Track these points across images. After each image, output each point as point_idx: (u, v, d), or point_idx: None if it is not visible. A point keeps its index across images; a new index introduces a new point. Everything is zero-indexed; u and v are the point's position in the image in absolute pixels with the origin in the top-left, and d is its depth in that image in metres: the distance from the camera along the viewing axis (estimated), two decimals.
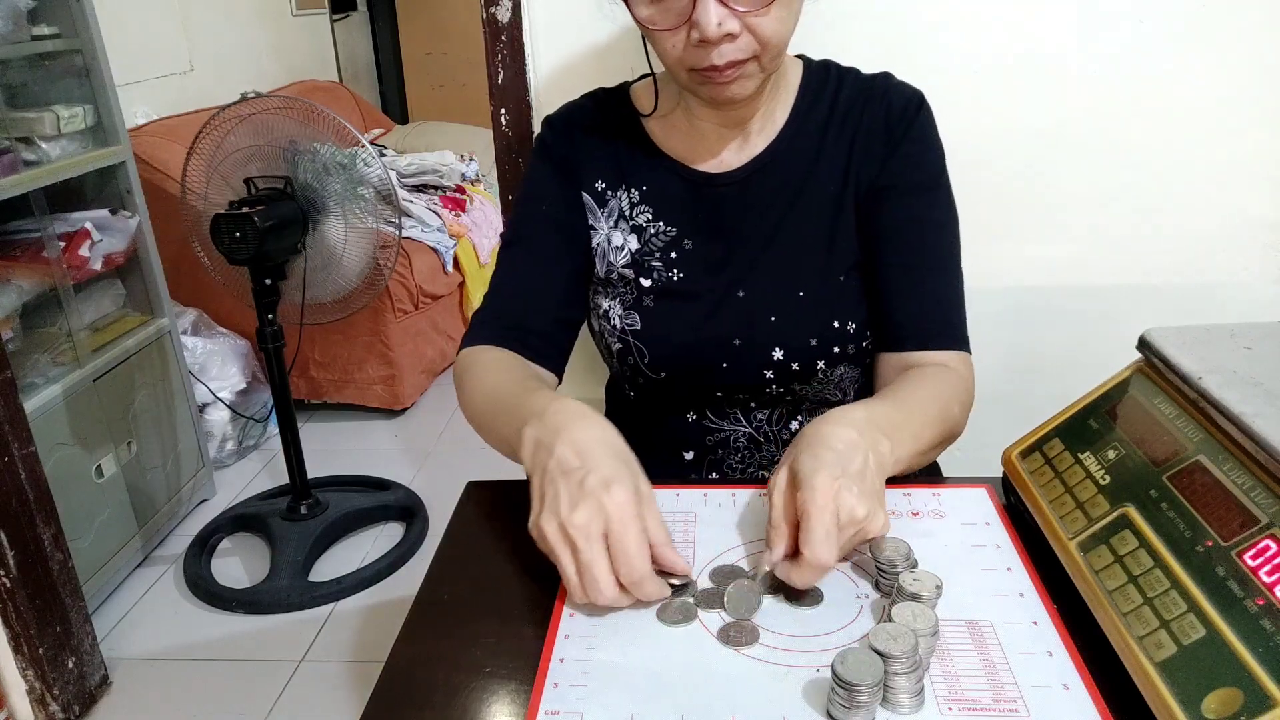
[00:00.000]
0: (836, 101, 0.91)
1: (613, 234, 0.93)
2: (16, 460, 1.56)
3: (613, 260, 0.93)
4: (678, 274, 0.91)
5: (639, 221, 0.92)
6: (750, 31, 0.76)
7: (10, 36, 1.81)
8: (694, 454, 0.97)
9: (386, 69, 4.90)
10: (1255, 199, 1.16)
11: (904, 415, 0.76)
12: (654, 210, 0.92)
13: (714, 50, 0.76)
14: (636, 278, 0.92)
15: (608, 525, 0.62)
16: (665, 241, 0.92)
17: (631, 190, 0.93)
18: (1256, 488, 0.55)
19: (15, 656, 1.62)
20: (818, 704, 0.56)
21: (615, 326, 0.93)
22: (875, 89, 0.90)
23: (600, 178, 0.93)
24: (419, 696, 0.60)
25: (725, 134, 0.91)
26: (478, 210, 3.30)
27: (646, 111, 0.94)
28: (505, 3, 1.13)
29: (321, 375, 2.80)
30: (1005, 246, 1.20)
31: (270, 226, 1.82)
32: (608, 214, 0.93)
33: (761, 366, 0.89)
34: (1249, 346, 0.67)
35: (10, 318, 1.86)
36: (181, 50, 3.12)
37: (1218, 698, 0.48)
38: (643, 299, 0.92)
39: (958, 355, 0.88)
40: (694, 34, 0.75)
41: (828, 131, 0.90)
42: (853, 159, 0.89)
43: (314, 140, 1.91)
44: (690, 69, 0.79)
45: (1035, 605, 0.64)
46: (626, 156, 0.93)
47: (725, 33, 0.74)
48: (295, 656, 1.87)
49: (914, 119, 0.89)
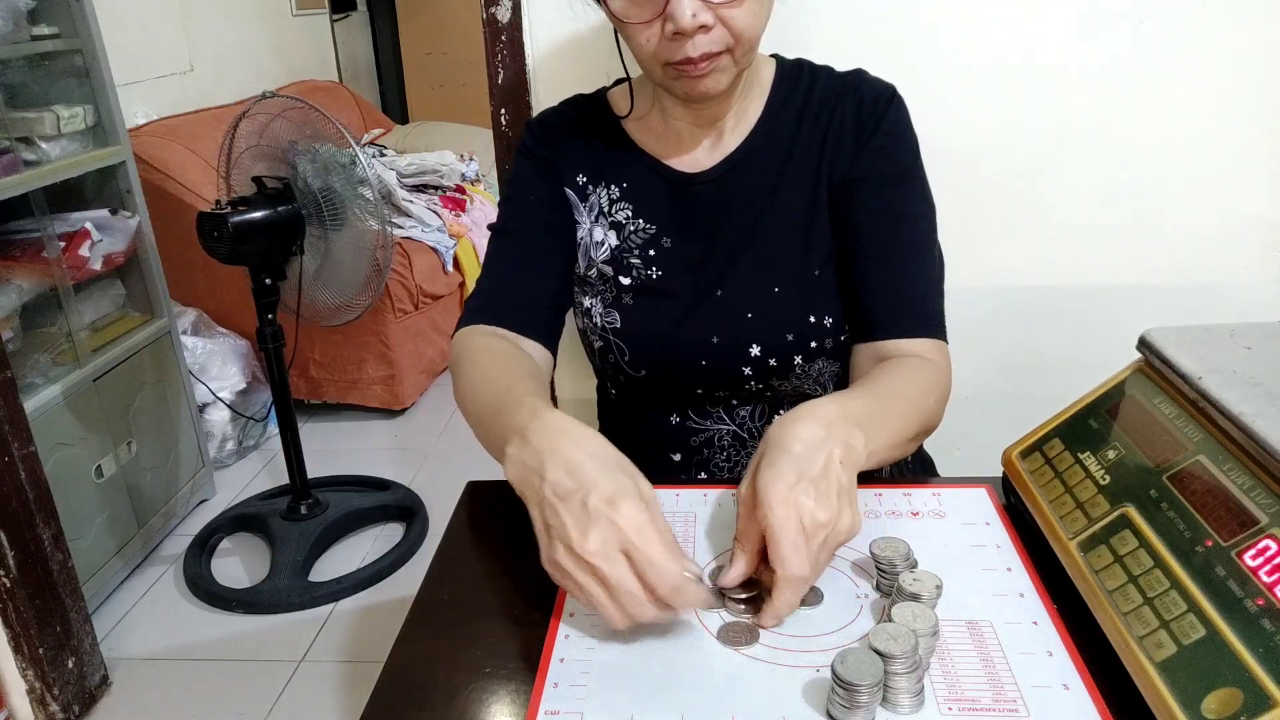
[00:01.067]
0: (809, 98, 0.91)
1: (594, 229, 0.94)
2: (16, 460, 1.56)
3: (594, 256, 0.94)
4: (656, 271, 0.92)
5: (618, 218, 0.93)
6: (723, 24, 0.77)
7: (10, 36, 1.81)
8: (681, 455, 0.97)
9: (386, 69, 4.90)
10: (1255, 199, 1.16)
11: (879, 406, 0.74)
12: (633, 207, 0.93)
13: (688, 42, 0.77)
14: (616, 275, 0.93)
15: (625, 543, 0.59)
16: (644, 239, 0.92)
17: (611, 187, 0.94)
18: (1256, 488, 0.55)
19: (15, 656, 1.62)
20: (818, 704, 0.56)
21: (596, 324, 0.94)
22: (848, 85, 0.91)
23: (581, 172, 0.94)
24: (419, 696, 0.60)
25: (699, 133, 0.92)
26: (478, 210, 3.30)
27: (623, 114, 0.95)
28: (505, 3, 1.13)
29: (321, 375, 2.80)
30: (1005, 246, 1.20)
31: (251, 226, 1.82)
32: (589, 209, 0.94)
33: (740, 363, 0.90)
34: (1249, 346, 0.67)
35: (10, 318, 1.86)
36: (181, 50, 3.12)
37: (1218, 698, 0.48)
38: (622, 296, 0.93)
39: (934, 344, 0.87)
40: (668, 26, 0.76)
41: (800, 128, 0.91)
42: (824, 154, 0.90)
43: (313, 140, 1.91)
44: (665, 63, 0.80)
45: (1035, 605, 0.64)
46: (606, 154, 0.95)
47: (699, 24, 0.75)
48: (295, 656, 1.87)
49: (885, 112, 0.89)
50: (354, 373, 2.79)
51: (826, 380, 0.95)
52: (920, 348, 0.86)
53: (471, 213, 3.25)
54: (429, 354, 2.96)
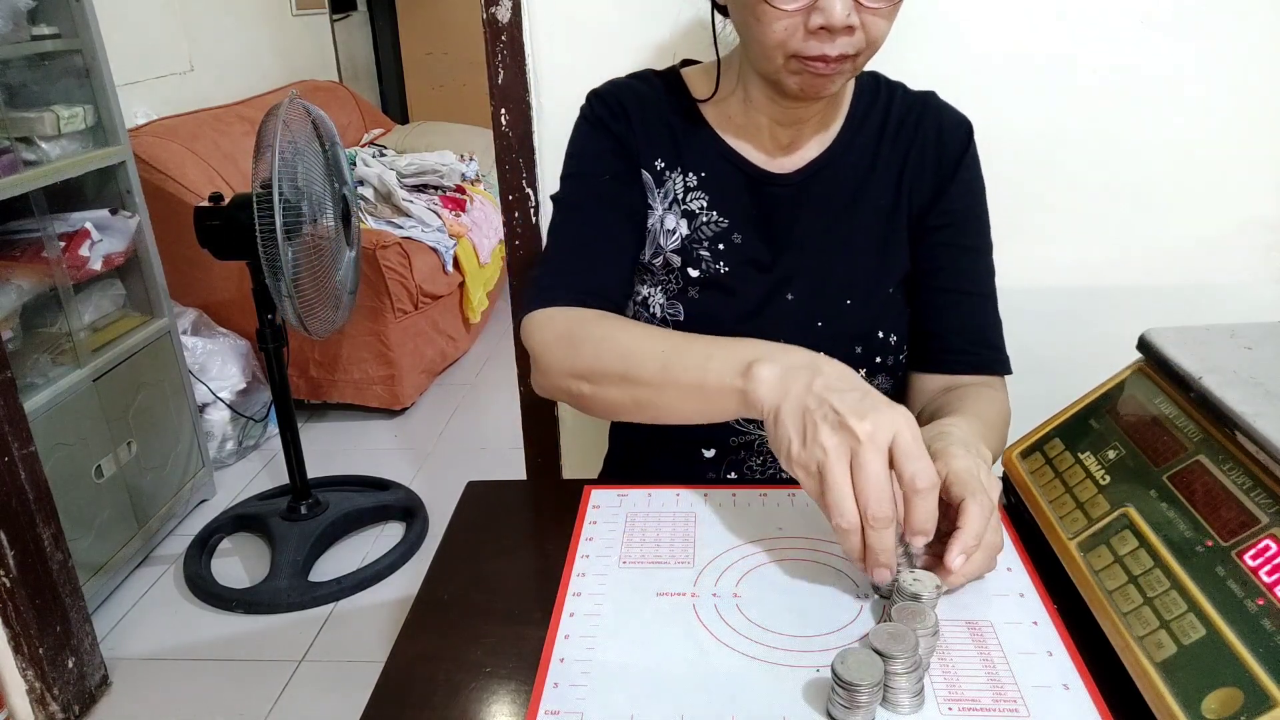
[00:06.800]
0: (889, 114, 0.91)
1: (666, 216, 0.91)
2: (16, 460, 1.56)
3: (662, 243, 0.91)
4: (723, 266, 0.90)
5: (691, 208, 0.91)
6: (863, 29, 0.75)
7: (10, 36, 1.81)
8: (715, 452, 0.95)
9: (386, 69, 4.90)
10: (1255, 199, 1.16)
11: (982, 427, 0.77)
12: (709, 198, 0.90)
13: (830, 40, 0.75)
14: (684, 266, 0.90)
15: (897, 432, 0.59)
16: (715, 232, 0.90)
17: (689, 175, 0.91)
18: (1256, 488, 0.55)
19: (15, 656, 1.62)
20: (818, 704, 0.56)
21: (655, 315, 0.91)
22: (927, 108, 0.91)
23: (660, 156, 0.90)
24: (419, 696, 0.60)
25: (779, 130, 0.89)
26: (478, 210, 3.30)
27: (703, 97, 0.91)
28: (505, 3, 1.13)
29: (321, 375, 2.80)
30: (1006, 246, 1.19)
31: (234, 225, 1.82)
32: (664, 195, 0.91)
33: None
34: (1249, 346, 0.67)
35: (10, 318, 1.85)
36: (181, 50, 3.12)
37: (1218, 698, 0.48)
38: (688, 289, 0.91)
39: (1001, 383, 0.91)
40: (814, 19, 0.73)
41: (881, 143, 0.90)
42: (905, 175, 0.90)
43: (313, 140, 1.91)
44: (793, 55, 0.76)
45: (1035, 605, 0.64)
46: (684, 139, 0.91)
47: (848, 24, 0.73)
48: (295, 656, 1.87)
49: (966, 148, 0.90)
50: (354, 373, 2.79)
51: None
52: (993, 382, 0.90)
53: (471, 213, 3.25)
54: (429, 354, 2.96)
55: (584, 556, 0.72)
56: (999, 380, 0.91)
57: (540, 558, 0.75)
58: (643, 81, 0.92)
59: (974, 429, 0.74)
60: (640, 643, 0.62)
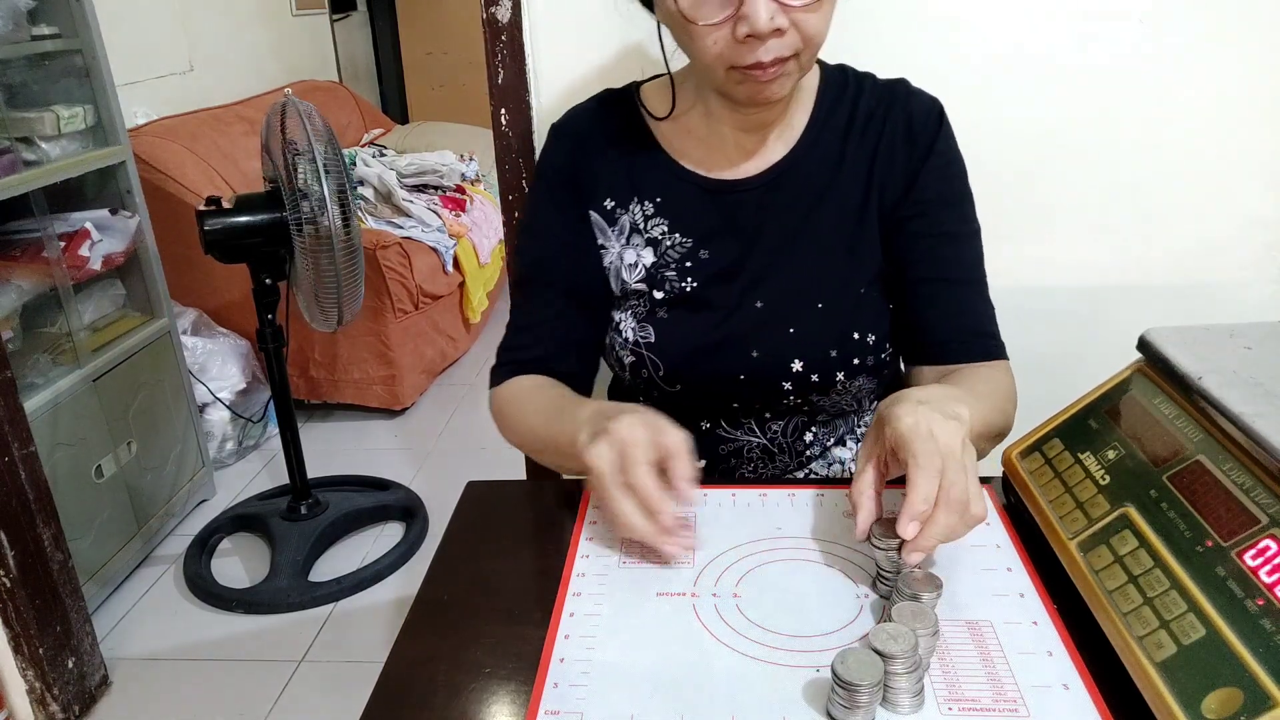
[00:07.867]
0: (856, 108, 0.89)
1: (624, 252, 0.91)
2: (16, 460, 1.56)
3: (625, 278, 0.91)
4: (691, 283, 0.89)
5: (654, 234, 0.90)
6: (796, 28, 0.74)
7: (10, 36, 1.81)
8: (705, 462, 0.95)
9: (386, 69, 4.90)
10: (1255, 199, 1.16)
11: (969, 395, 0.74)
12: (669, 222, 0.90)
13: (760, 46, 0.74)
14: (650, 290, 0.90)
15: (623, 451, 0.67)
16: (681, 253, 0.90)
17: (645, 203, 0.91)
18: (1256, 488, 0.55)
19: (15, 656, 1.62)
20: (818, 704, 0.56)
21: (628, 339, 0.91)
22: (896, 96, 0.89)
23: (609, 195, 0.91)
24: (419, 696, 0.60)
25: (744, 138, 0.89)
26: (478, 210, 3.30)
27: (661, 114, 0.91)
28: (505, 3, 1.13)
29: (321, 375, 2.80)
30: (1005, 246, 1.19)
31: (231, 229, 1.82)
32: (618, 232, 0.91)
33: (780, 378, 0.88)
34: (1249, 346, 0.67)
35: (10, 318, 1.86)
36: (181, 50, 3.12)
37: (1218, 698, 0.48)
38: (655, 310, 0.90)
39: (1002, 364, 0.88)
40: (740, 29, 0.73)
41: (848, 139, 0.89)
42: (875, 168, 0.88)
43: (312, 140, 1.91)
44: (730, 66, 0.76)
45: (1035, 605, 0.64)
46: (639, 167, 0.91)
47: (775, 28, 0.73)
48: (295, 656, 1.87)
49: (937, 131, 0.88)
50: (354, 373, 2.79)
51: (864, 397, 0.94)
52: (990, 367, 0.87)
53: (471, 213, 3.25)
54: (429, 354, 2.96)
55: (584, 556, 0.72)
56: (1002, 365, 0.88)
57: (540, 558, 0.75)
58: (602, 105, 0.94)
59: (950, 393, 0.70)
60: (640, 643, 0.62)
